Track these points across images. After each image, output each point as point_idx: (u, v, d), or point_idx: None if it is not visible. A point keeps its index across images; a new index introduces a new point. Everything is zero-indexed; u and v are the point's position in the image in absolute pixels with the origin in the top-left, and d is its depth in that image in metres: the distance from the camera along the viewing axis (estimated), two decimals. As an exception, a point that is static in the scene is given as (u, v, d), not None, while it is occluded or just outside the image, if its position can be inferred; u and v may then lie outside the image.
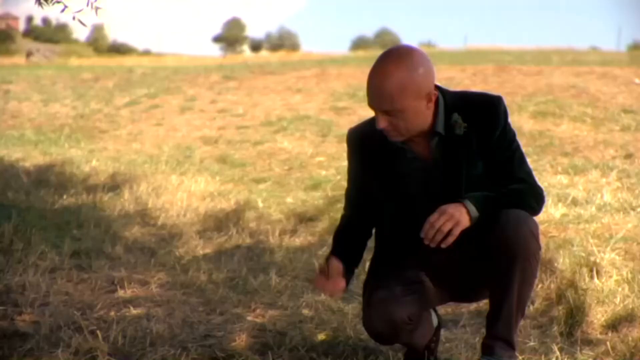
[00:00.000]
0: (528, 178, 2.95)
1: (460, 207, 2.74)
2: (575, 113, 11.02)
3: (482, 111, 2.92)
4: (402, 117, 2.78)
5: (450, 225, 2.70)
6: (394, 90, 2.73)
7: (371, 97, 2.80)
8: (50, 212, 6.43)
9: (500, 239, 2.77)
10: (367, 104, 2.85)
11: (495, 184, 2.89)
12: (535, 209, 2.90)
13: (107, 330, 3.57)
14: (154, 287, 4.53)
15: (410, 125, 2.82)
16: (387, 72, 2.75)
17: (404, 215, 2.97)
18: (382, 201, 3.02)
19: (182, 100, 15.72)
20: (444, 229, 2.70)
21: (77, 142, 12.35)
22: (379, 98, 2.77)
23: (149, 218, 6.63)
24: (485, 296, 3.03)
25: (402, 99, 2.75)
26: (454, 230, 2.70)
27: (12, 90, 19.41)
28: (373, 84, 2.78)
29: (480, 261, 2.87)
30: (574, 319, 3.91)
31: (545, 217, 5.80)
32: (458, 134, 2.89)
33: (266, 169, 9.30)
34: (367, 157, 3.03)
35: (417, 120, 2.82)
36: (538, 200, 2.93)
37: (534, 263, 2.82)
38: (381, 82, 2.75)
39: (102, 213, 6.63)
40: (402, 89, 2.74)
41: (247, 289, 4.55)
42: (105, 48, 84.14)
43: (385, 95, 2.75)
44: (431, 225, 2.72)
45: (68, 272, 4.69)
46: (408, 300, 2.96)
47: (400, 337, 3.04)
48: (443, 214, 2.72)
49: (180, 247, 5.65)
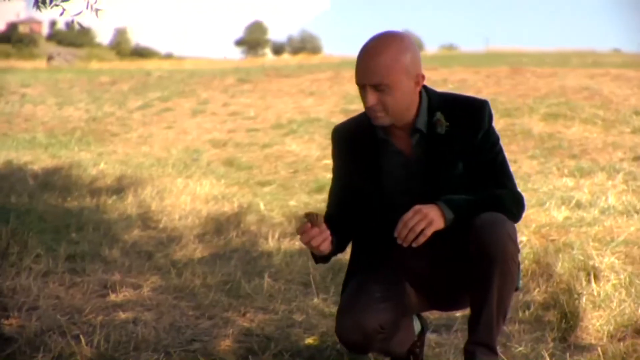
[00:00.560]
0: (508, 183, 2.91)
1: (435, 208, 2.71)
2: (587, 115, 10.94)
3: (466, 112, 2.91)
4: (391, 93, 2.76)
5: (423, 225, 2.67)
6: (387, 62, 2.74)
7: (362, 72, 2.78)
8: (51, 215, 6.43)
9: (477, 242, 2.73)
10: (355, 82, 2.81)
11: (475, 186, 2.86)
12: (514, 215, 2.86)
13: (91, 335, 3.54)
14: (146, 290, 4.49)
15: (398, 105, 2.79)
16: (379, 48, 2.76)
17: (383, 214, 2.93)
18: (363, 199, 2.97)
19: (194, 104, 15.75)
20: (417, 229, 2.66)
21: (87, 145, 12.39)
22: (371, 71, 2.75)
23: (151, 221, 6.61)
24: (468, 304, 2.97)
25: (394, 73, 2.75)
26: (426, 230, 2.67)
27: (29, 94, 19.54)
28: (365, 58, 2.78)
29: (460, 266, 2.83)
30: (567, 324, 3.86)
31: (547, 220, 5.75)
32: (439, 132, 2.87)
33: (272, 172, 9.28)
34: (352, 152, 3.00)
35: (404, 100, 2.80)
36: (518, 206, 2.89)
37: (513, 266, 2.77)
38: (374, 56, 2.76)
39: (103, 216, 6.62)
40: (394, 62, 2.74)
41: (239, 293, 4.51)
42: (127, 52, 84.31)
43: (377, 67, 2.74)
44: (404, 224, 2.68)
45: (61, 276, 4.66)
46: (381, 308, 2.90)
47: (373, 346, 2.98)
48: (417, 213, 2.68)
49: (178, 251, 5.62)
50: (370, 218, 2.99)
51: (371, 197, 2.96)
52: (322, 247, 2.77)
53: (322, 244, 2.76)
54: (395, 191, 2.92)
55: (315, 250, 2.80)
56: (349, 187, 3.02)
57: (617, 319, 3.82)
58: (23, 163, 10.24)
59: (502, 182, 2.89)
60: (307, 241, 2.75)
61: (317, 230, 2.74)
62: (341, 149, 3.07)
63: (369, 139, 2.95)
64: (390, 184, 2.93)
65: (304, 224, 2.76)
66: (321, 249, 2.77)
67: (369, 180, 2.95)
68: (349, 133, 3.04)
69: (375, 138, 2.93)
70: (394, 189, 2.92)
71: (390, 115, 2.81)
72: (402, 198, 2.87)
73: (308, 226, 2.75)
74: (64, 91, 19.79)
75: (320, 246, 2.76)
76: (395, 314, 2.96)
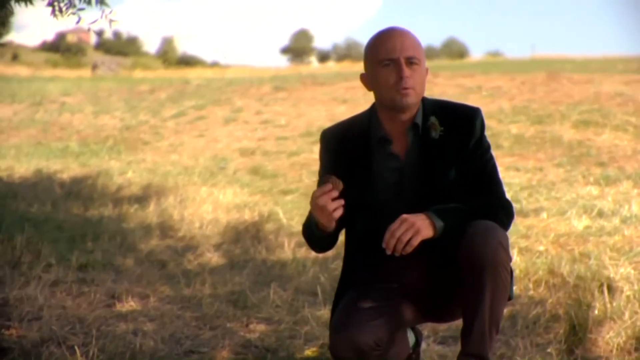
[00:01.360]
0: (498, 191, 2.88)
1: (423, 217, 2.67)
2: (618, 122, 10.80)
3: (459, 119, 2.89)
4: (419, 70, 2.81)
5: (410, 235, 2.62)
6: (416, 40, 2.84)
7: (398, 46, 2.79)
8: (69, 224, 6.45)
9: (468, 251, 2.68)
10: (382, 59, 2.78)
11: (465, 194, 2.82)
12: (504, 223, 2.81)
13: (87, 346, 3.52)
14: (153, 300, 4.47)
15: (422, 84, 2.84)
16: (402, 30, 2.85)
17: (373, 221, 2.88)
18: (352, 204, 2.91)
19: (228, 112, 15.79)
20: (404, 239, 2.62)
21: (118, 153, 12.47)
22: (407, 45, 2.80)
23: (170, 230, 6.60)
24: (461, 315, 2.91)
25: (421, 50, 2.84)
26: (413, 240, 2.62)
27: (68, 103, 19.77)
28: (396, 35, 2.83)
29: (454, 277, 2.77)
30: (576, 336, 3.77)
31: (567, 230, 5.66)
32: (434, 137, 2.86)
33: (296, 180, 9.25)
34: (343, 156, 2.94)
35: (423, 84, 2.85)
36: (507, 215, 2.85)
37: (505, 275, 2.71)
38: (404, 33, 2.83)
39: (122, 225, 6.63)
40: (419, 42, 2.85)
41: (247, 303, 4.46)
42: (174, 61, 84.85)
43: (411, 42, 2.81)
44: (391, 234, 2.64)
45: (70, 285, 4.66)
46: (375, 325, 2.83)
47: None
48: (404, 222, 2.64)
49: (192, 260, 5.60)
50: (359, 223, 2.94)
51: (361, 201, 2.90)
52: (336, 213, 2.67)
53: (336, 211, 2.67)
54: (386, 196, 2.89)
55: (325, 217, 2.69)
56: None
57: (627, 331, 3.71)
58: (52, 172, 10.33)
59: (491, 191, 2.86)
60: (324, 203, 2.65)
61: (335, 194, 2.66)
62: (333, 151, 3.00)
63: (362, 141, 2.92)
64: (382, 188, 2.89)
65: (325, 185, 2.66)
66: (335, 215, 2.67)
67: (360, 183, 2.89)
68: (341, 135, 2.99)
69: (369, 140, 2.91)
70: (385, 193, 2.89)
71: (417, 93, 2.82)
72: (393, 204, 2.84)
73: (329, 187, 2.65)
74: (102, 100, 19.97)
75: (335, 212, 2.66)
76: (390, 329, 2.90)
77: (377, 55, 2.82)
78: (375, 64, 2.83)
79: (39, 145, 13.97)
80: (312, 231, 2.86)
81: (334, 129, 3.06)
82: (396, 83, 2.78)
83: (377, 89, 2.86)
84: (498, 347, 3.77)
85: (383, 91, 2.83)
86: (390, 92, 2.80)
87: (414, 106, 2.85)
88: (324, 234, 2.82)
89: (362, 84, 2.93)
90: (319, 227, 2.78)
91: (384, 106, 2.88)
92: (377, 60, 2.82)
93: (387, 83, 2.80)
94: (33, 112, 19.02)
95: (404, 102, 2.81)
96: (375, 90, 2.87)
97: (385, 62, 2.79)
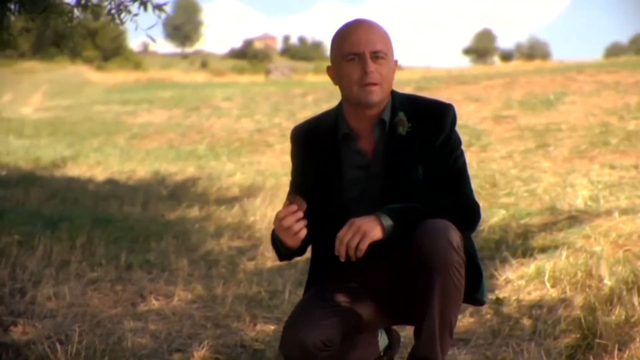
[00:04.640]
0: (464, 188, 2.82)
1: (371, 219, 2.64)
2: None
3: (429, 115, 2.84)
4: (386, 65, 2.76)
5: (357, 239, 2.60)
6: (384, 33, 2.79)
7: (363, 40, 2.75)
8: (138, 224, 6.59)
9: (417, 252, 2.63)
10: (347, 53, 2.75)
11: (430, 191, 2.78)
12: (466, 222, 2.77)
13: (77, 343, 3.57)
14: (176, 300, 4.53)
15: (389, 80, 2.79)
16: (371, 22, 2.80)
17: (338, 220, 2.80)
18: (320, 200, 2.87)
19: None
20: (352, 244, 2.60)
21: (237, 156, 12.69)
22: (373, 39, 2.75)
23: (241, 231, 6.66)
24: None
25: (389, 43, 2.79)
26: (360, 244, 2.59)
27: (223, 107, 20.25)
28: (363, 28, 2.78)
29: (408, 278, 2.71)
30: (585, 343, 3.57)
31: (632, 229, 5.34)
32: (401, 133, 2.80)
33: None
34: (312, 152, 2.93)
35: (391, 77, 2.80)
36: (469, 214, 2.80)
37: (457, 276, 2.64)
38: (372, 26, 2.78)
39: (191, 226, 6.71)
40: (388, 35, 2.81)
41: (269, 304, 4.47)
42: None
43: (378, 35, 2.76)
44: (340, 240, 2.63)
45: (105, 284, 4.78)
46: (325, 325, 2.78)
47: None
48: (351, 227, 2.62)
49: (245, 261, 5.63)
50: (325, 222, 2.89)
51: (328, 199, 2.87)
52: (301, 233, 2.68)
53: (301, 232, 2.68)
54: (351, 194, 2.85)
55: (290, 238, 2.69)
56: (306, 187, 2.92)
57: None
58: (168, 174, 10.63)
59: (457, 187, 2.80)
60: (289, 224, 2.66)
61: (300, 215, 2.67)
62: (300, 148, 2.99)
63: (330, 138, 2.89)
64: (348, 186, 2.86)
65: (289, 206, 2.66)
66: (300, 236, 2.68)
67: (328, 180, 2.87)
68: (309, 131, 2.97)
69: (336, 137, 2.88)
70: (351, 191, 2.85)
71: (384, 89, 2.78)
72: (359, 202, 2.82)
73: (294, 208, 2.66)
74: (255, 104, 20.29)
75: (300, 233, 2.67)
76: (343, 330, 2.84)
77: (342, 49, 2.78)
78: (340, 58, 2.79)
79: (170, 148, 14.39)
80: (278, 247, 2.86)
81: (303, 126, 3.04)
82: (361, 78, 2.74)
83: (341, 84, 2.82)
84: (503, 351, 3.63)
85: (347, 86, 2.79)
86: (354, 87, 2.76)
87: (379, 102, 2.79)
88: (291, 250, 2.82)
89: (329, 77, 2.89)
90: (285, 247, 2.77)
91: (349, 102, 2.84)
92: (342, 54, 2.77)
93: (352, 78, 2.76)
94: (185, 117, 19.59)
95: (368, 99, 2.76)
96: (340, 85, 2.84)
97: (350, 56, 2.75)
